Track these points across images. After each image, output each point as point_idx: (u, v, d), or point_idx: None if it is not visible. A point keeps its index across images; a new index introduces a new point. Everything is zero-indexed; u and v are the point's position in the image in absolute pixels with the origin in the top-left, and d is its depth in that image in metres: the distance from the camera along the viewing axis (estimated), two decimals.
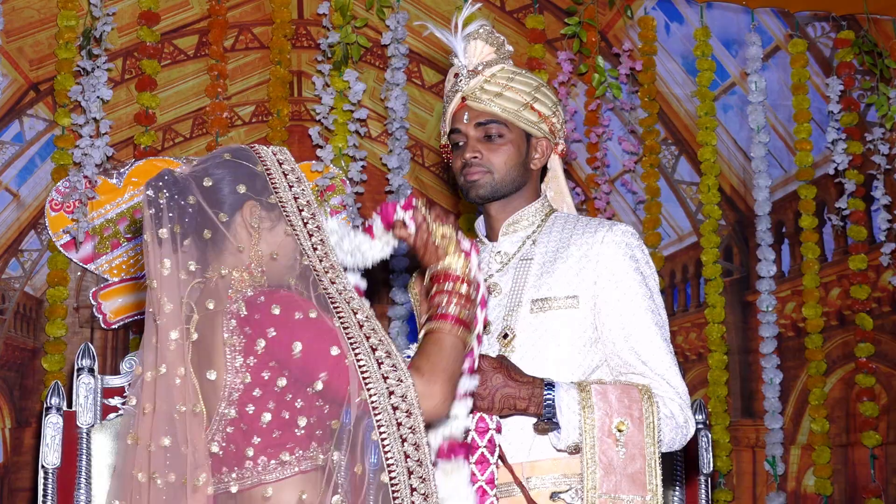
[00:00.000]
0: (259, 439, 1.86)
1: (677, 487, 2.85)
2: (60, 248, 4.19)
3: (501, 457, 2.17)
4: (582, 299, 2.25)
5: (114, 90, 4.26)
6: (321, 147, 4.39)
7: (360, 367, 1.84)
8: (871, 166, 4.83)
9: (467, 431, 2.10)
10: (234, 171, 1.97)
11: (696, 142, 4.80)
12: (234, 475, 1.87)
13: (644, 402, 2.16)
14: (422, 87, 4.61)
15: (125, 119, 4.33)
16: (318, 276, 1.90)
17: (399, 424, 1.84)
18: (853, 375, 4.77)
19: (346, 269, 2.05)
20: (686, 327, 4.77)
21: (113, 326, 4.21)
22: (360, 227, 2.09)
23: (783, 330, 4.77)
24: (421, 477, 1.85)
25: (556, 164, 2.45)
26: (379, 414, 1.83)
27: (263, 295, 1.88)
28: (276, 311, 1.85)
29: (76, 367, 2.73)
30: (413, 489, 1.84)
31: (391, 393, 1.83)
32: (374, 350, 1.85)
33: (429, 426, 2.03)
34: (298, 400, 1.86)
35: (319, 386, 1.85)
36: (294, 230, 1.95)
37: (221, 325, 1.87)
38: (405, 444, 1.84)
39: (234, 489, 1.86)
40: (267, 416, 1.85)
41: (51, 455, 2.69)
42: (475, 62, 2.32)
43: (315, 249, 1.94)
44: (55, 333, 4.14)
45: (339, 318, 1.86)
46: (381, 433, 1.83)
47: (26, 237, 4.24)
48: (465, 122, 2.31)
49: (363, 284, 2.09)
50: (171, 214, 1.90)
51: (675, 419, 2.20)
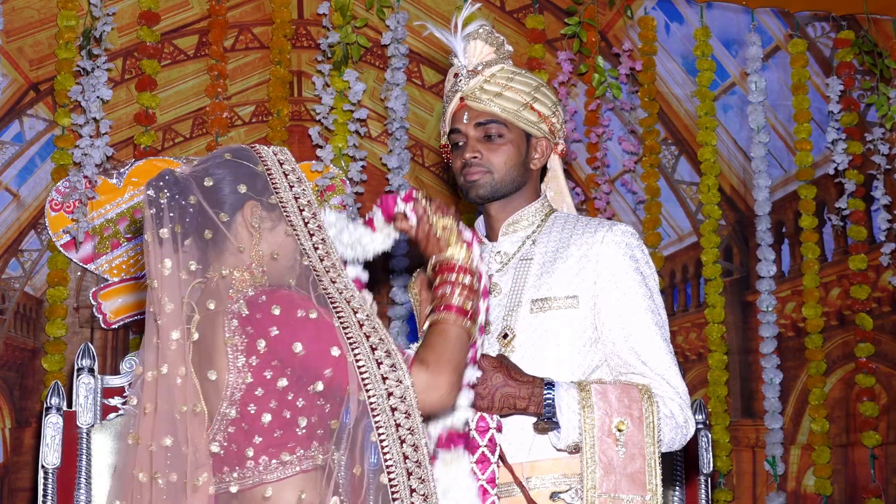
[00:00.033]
0: (260, 439, 1.86)
1: (677, 487, 2.85)
2: (60, 248, 4.19)
3: (501, 457, 2.17)
4: (582, 299, 2.25)
5: (114, 90, 4.26)
6: (321, 147, 4.39)
7: (359, 367, 1.84)
8: (871, 166, 4.82)
9: (467, 422, 2.10)
10: (235, 171, 1.97)
11: (696, 142, 4.80)
12: (235, 475, 1.87)
13: (644, 402, 2.16)
14: (422, 87, 4.61)
15: (125, 119, 4.33)
16: (318, 276, 1.90)
17: (398, 426, 1.84)
18: (853, 375, 4.76)
19: (346, 262, 2.06)
20: (686, 327, 4.77)
21: (113, 326, 4.21)
22: (361, 220, 2.10)
23: (783, 330, 4.77)
24: (420, 478, 1.85)
25: (556, 164, 2.45)
26: (378, 415, 1.83)
27: (265, 294, 1.88)
28: (278, 311, 1.85)
29: (76, 367, 2.72)
30: (412, 490, 1.84)
31: (390, 394, 1.83)
32: (373, 350, 1.85)
33: (433, 417, 2.03)
34: (300, 399, 1.86)
35: (320, 386, 1.86)
36: (294, 230, 1.95)
37: (223, 325, 1.87)
38: (404, 445, 1.84)
39: (235, 489, 1.86)
40: (268, 416, 1.85)
41: (51, 455, 2.68)
42: (475, 62, 2.32)
43: (316, 249, 1.94)
44: (55, 333, 4.13)
45: (339, 318, 1.86)
46: (379, 434, 1.83)
47: (26, 237, 4.24)
48: (464, 122, 2.31)
49: (364, 277, 2.09)
50: (171, 214, 1.90)
51: (675, 419, 2.20)
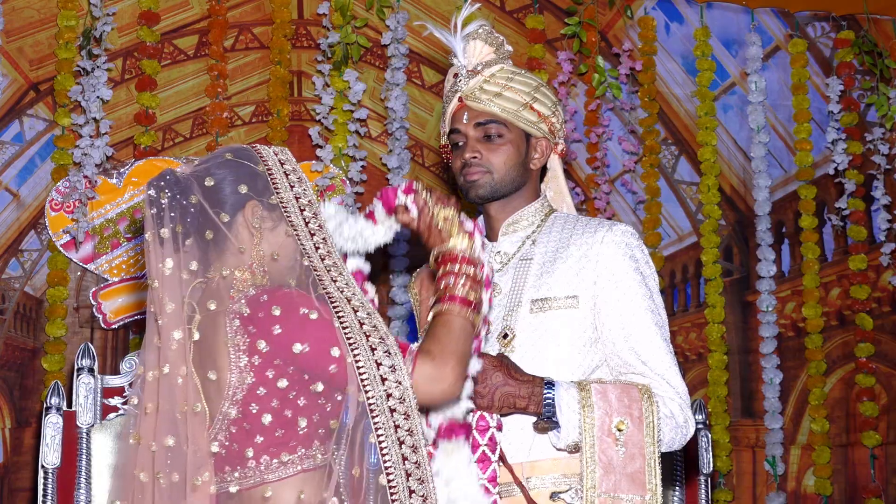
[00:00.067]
0: (262, 438, 1.86)
1: (677, 487, 2.85)
2: (60, 248, 4.19)
3: (501, 457, 2.17)
4: (582, 299, 2.25)
5: (114, 90, 4.26)
6: (321, 147, 4.39)
7: (358, 368, 1.84)
8: (871, 166, 4.82)
9: (468, 412, 2.10)
10: (236, 171, 1.97)
11: (696, 142, 4.79)
12: (236, 474, 1.87)
13: (644, 402, 2.16)
14: (422, 87, 4.60)
15: (125, 119, 4.33)
16: (318, 275, 1.90)
17: (397, 427, 1.84)
18: (853, 375, 4.76)
19: (347, 255, 2.06)
20: (686, 327, 4.76)
21: (113, 326, 4.21)
22: (361, 213, 2.10)
23: (783, 330, 4.77)
24: (420, 479, 1.85)
25: (555, 164, 2.45)
26: (377, 416, 1.83)
27: (266, 294, 1.88)
28: (279, 310, 1.85)
29: (76, 367, 2.72)
30: (412, 491, 1.84)
31: (389, 395, 1.83)
32: (373, 350, 1.85)
33: (435, 408, 2.03)
34: (301, 398, 1.86)
35: (320, 387, 1.86)
36: (295, 230, 1.95)
37: (224, 325, 1.87)
38: (403, 446, 1.84)
39: (236, 488, 1.86)
40: (270, 415, 1.85)
41: (51, 455, 2.68)
42: (474, 62, 2.32)
43: (317, 249, 1.94)
44: (55, 333, 4.13)
45: (339, 318, 1.86)
46: (378, 436, 1.83)
47: (26, 237, 4.24)
48: (464, 122, 2.31)
49: (366, 268, 2.10)
50: (172, 214, 1.90)
51: (675, 419, 2.20)
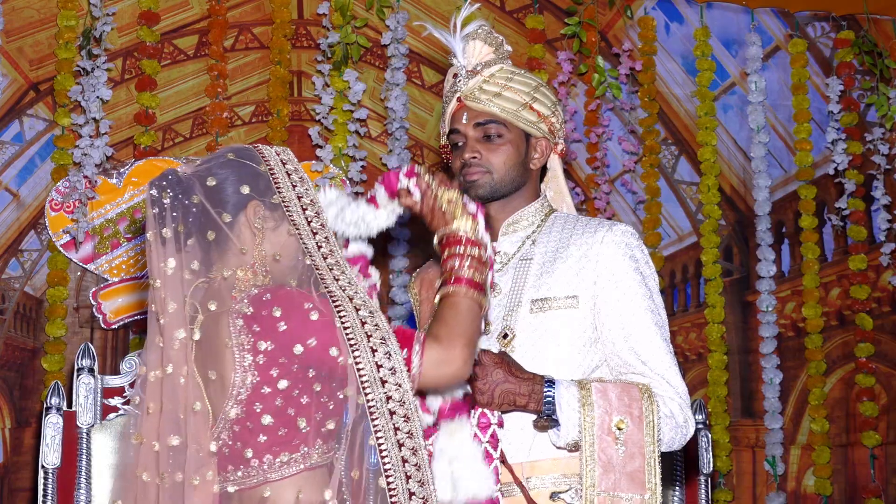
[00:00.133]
0: (265, 437, 1.86)
1: (677, 487, 2.85)
2: (60, 248, 4.19)
3: (502, 457, 2.17)
4: (582, 299, 2.25)
5: (114, 90, 4.26)
6: (321, 147, 4.39)
7: (358, 370, 1.84)
8: (871, 166, 4.82)
9: (467, 390, 2.10)
10: (238, 171, 1.97)
11: (696, 142, 4.79)
12: (239, 473, 1.87)
13: (644, 401, 2.16)
14: (422, 87, 4.60)
15: (125, 119, 4.33)
16: (320, 274, 1.90)
17: (396, 429, 1.84)
18: (853, 375, 4.76)
19: (349, 239, 2.06)
20: (686, 327, 4.76)
21: (113, 326, 4.21)
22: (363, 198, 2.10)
23: (783, 330, 4.77)
24: (420, 481, 1.85)
25: (555, 164, 2.45)
26: (376, 419, 1.83)
27: (269, 293, 1.88)
28: (282, 309, 1.85)
29: (76, 367, 2.72)
30: (412, 493, 1.84)
31: (389, 398, 1.83)
32: (374, 352, 1.85)
33: (443, 392, 2.02)
34: (304, 396, 1.86)
35: (319, 387, 1.86)
36: (297, 230, 1.95)
37: (227, 325, 1.87)
38: (402, 448, 1.84)
39: (239, 487, 1.86)
40: (274, 414, 1.85)
41: (51, 455, 2.68)
42: (474, 62, 2.32)
43: (319, 248, 1.94)
44: (55, 333, 4.13)
45: (341, 317, 1.86)
46: (378, 438, 1.83)
47: (26, 237, 4.24)
48: (463, 122, 2.31)
49: (369, 252, 2.10)
50: (174, 214, 1.90)
51: (675, 419, 2.20)
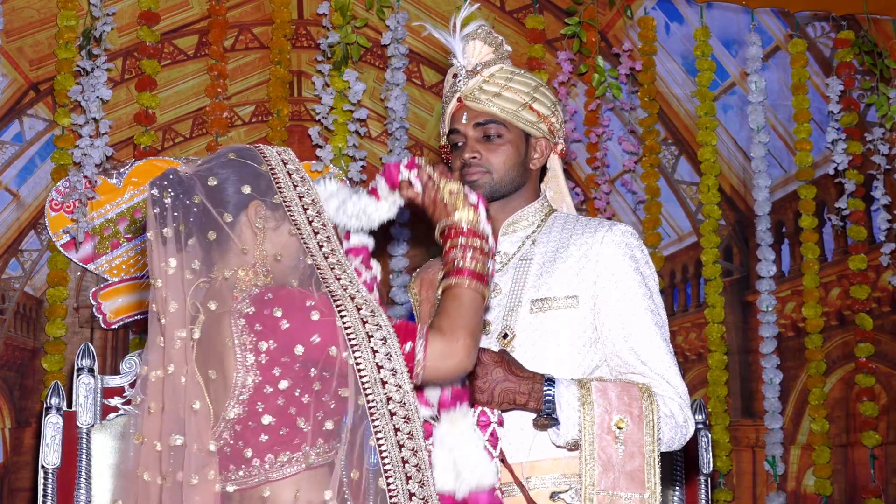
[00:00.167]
0: (266, 437, 1.86)
1: (677, 487, 2.85)
2: (60, 248, 4.19)
3: (502, 457, 2.17)
4: (581, 299, 2.25)
5: (114, 90, 4.26)
6: (321, 147, 4.39)
7: (359, 370, 1.84)
8: (871, 166, 4.82)
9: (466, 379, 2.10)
10: (239, 171, 1.97)
11: (696, 142, 4.79)
12: (241, 473, 1.87)
13: (644, 401, 2.16)
14: (422, 87, 4.61)
15: (125, 119, 4.33)
16: (322, 273, 1.90)
17: (396, 430, 1.84)
18: (853, 375, 4.76)
19: (350, 231, 2.06)
20: (686, 327, 4.76)
21: (113, 326, 4.21)
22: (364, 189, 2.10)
23: (783, 330, 4.77)
24: (420, 482, 1.85)
25: (555, 164, 2.45)
26: (376, 420, 1.83)
27: (270, 292, 1.89)
28: (284, 309, 1.85)
29: (76, 367, 2.72)
30: (412, 494, 1.84)
31: (389, 399, 1.83)
32: (374, 353, 1.85)
33: (445, 383, 2.02)
34: (306, 395, 1.86)
35: (319, 386, 1.86)
36: (298, 229, 1.95)
37: (229, 325, 1.87)
38: (403, 449, 1.84)
39: (239, 487, 1.86)
40: (276, 414, 1.85)
41: (51, 455, 2.68)
42: (473, 62, 2.32)
43: (321, 247, 1.94)
44: (55, 333, 4.13)
45: (342, 317, 1.86)
46: (378, 439, 1.83)
47: (26, 237, 4.24)
48: (463, 122, 2.31)
49: (371, 244, 2.09)
50: (175, 214, 1.90)
51: (675, 418, 2.20)
